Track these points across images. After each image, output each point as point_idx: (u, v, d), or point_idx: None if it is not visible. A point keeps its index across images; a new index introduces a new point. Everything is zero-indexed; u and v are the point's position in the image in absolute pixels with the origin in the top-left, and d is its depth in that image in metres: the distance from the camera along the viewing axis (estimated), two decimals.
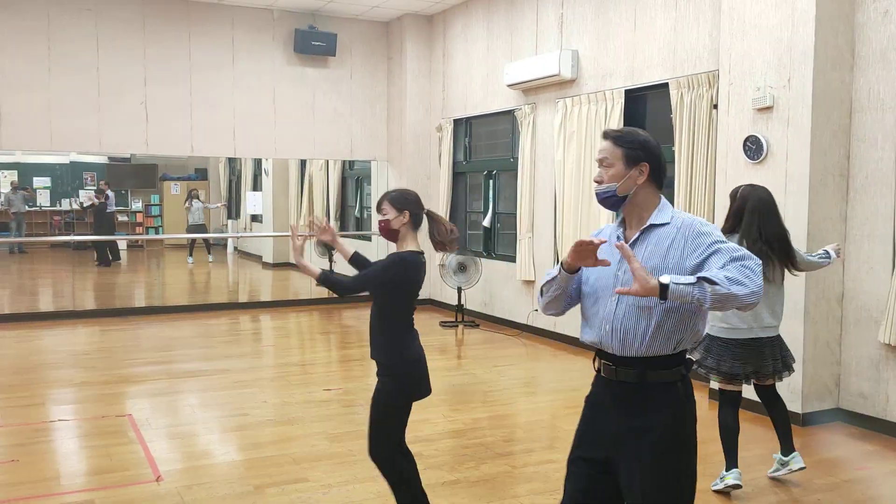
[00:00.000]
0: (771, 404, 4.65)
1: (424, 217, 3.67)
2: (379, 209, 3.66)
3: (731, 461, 4.43)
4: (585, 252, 2.37)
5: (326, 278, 3.54)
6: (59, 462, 4.89)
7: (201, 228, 16.87)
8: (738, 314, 4.26)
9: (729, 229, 4.38)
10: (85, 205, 17.97)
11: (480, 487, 4.50)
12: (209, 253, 17.86)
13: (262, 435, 5.35)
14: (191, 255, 17.60)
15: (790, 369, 4.53)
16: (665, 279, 2.22)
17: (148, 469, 4.73)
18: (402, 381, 3.62)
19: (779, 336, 4.49)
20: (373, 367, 3.75)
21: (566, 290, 2.56)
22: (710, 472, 4.64)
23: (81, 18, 9.71)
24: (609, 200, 2.54)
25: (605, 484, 2.52)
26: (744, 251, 2.32)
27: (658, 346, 2.41)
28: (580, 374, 7.35)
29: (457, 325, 9.71)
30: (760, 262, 2.32)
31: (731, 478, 4.37)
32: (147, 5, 10.01)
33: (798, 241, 5.60)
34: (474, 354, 8.34)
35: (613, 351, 2.45)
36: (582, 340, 2.59)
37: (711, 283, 2.21)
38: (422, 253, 3.63)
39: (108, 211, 16.20)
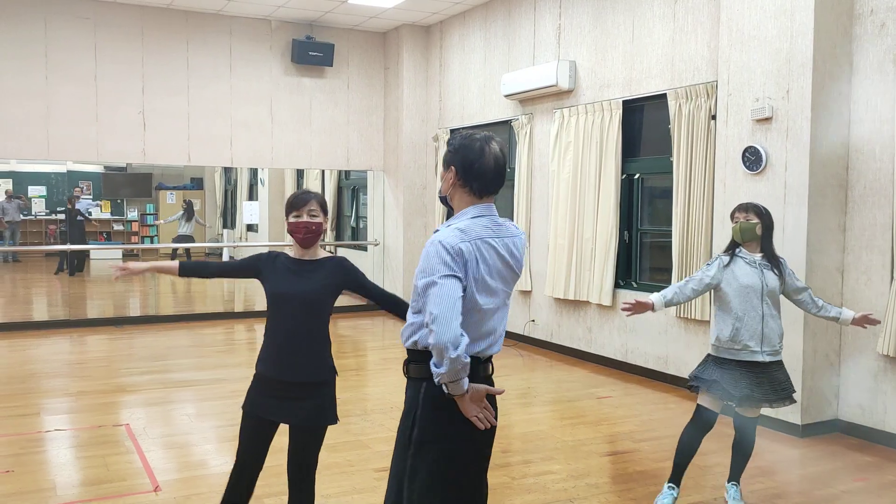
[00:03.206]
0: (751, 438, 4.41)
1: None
2: (308, 211, 3.27)
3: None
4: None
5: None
6: (55, 472, 4.84)
7: (189, 239, 16.87)
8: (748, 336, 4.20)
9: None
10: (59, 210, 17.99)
11: None
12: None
13: None
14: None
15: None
16: None
17: (146, 479, 4.69)
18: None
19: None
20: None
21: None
22: (714, 484, 4.63)
23: (79, 27, 9.70)
24: (443, 201, 2.71)
25: None
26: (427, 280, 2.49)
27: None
28: (577, 385, 7.34)
29: None
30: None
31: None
32: (145, 15, 10.02)
33: (797, 252, 5.62)
34: None
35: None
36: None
37: None
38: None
39: (77, 219, 16.16)
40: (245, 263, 3.44)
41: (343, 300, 3.68)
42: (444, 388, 2.48)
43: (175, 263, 3.46)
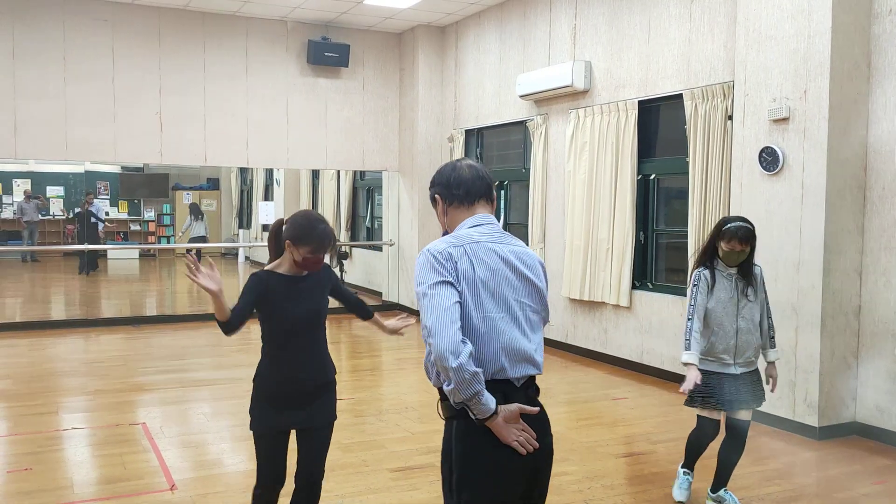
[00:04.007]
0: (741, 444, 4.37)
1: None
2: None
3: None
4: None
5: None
6: (73, 470, 4.88)
7: (203, 240, 16.96)
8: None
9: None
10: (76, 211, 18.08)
11: None
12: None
13: None
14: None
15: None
16: None
17: (162, 478, 4.72)
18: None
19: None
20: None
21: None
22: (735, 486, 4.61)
23: (97, 29, 9.78)
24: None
25: None
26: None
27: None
28: (593, 386, 7.32)
29: None
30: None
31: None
32: (162, 16, 10.08)
33: (814, 254, 5.59)
34: None
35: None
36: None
37: None
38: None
39: (91, 221, 16.27)
40: (252, 300, 3.30)
41: None
42: (470, 414, 2.27)
43: (227, 311, 3.22)
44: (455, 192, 2.48)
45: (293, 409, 3.32)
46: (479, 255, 2.36)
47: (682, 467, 4.56)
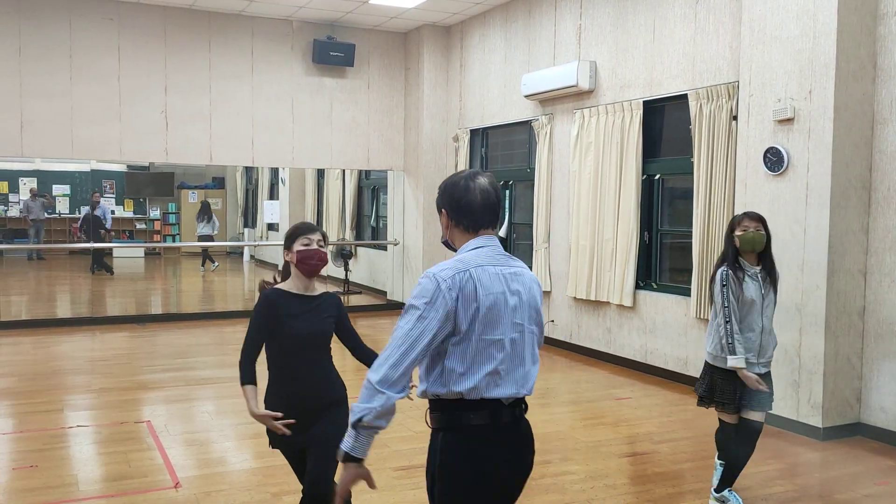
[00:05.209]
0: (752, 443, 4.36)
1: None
2: (317, 240, 3.39)
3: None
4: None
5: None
6: (78, 468, 4.91)
7: (209, 239, 16.98)
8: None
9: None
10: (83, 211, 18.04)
11: None
12: (212, 262, 17.64)
13: None
14: (203, 264, 17.68)
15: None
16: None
17: (166, 476, 4.74)
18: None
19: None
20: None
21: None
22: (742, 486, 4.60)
23: (103, 28, 9.81)
24: (446, 245, 2.59)
25: None
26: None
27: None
28: (597, 386, 7.32)
29: None
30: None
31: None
32: (168, 15, 10.11)
33: (818, 254, 5.58)
34: None
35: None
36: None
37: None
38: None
39: (101, 221, 16.27)
40: (261, 330, 3.36)
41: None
42: (345, 439, 2.32)
43: (251, 384, 3.39)
44: (462, 219, 2.49)
45: (302, 428, 3.31)
46: (482, 280, 2.38)
47: (728, 491, 4.33)
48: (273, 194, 19.00)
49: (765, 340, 4.18)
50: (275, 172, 18.88)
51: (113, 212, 19.09)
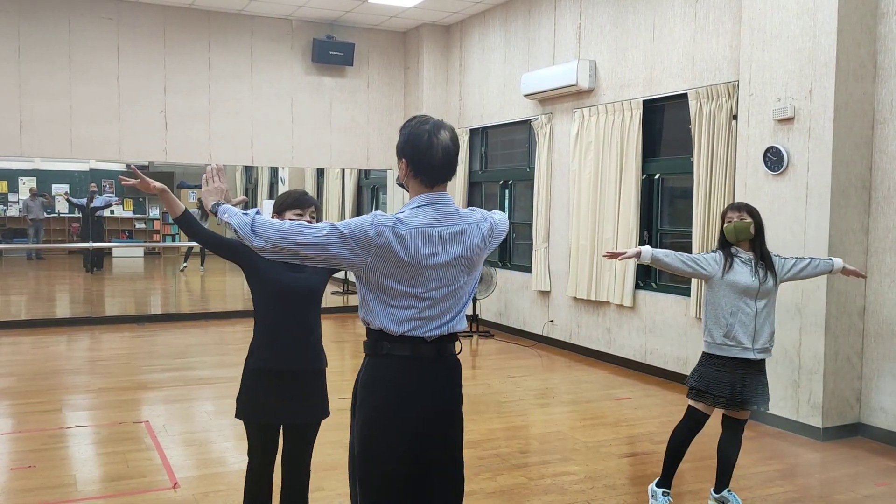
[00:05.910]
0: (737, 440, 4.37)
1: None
2: (310, 212, 3.31)
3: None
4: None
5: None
6: (76, 468, 4.89)
7: None
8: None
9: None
10: (73, 201, 17.90)
11: (496, 499, 4.47)
12: (184, 261, 17.58)
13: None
14: (188, 262, 17.61)
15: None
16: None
17: (165, 476, 4.73)
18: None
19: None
20: None
21: None
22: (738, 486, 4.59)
23: (102, 27, 9.80)
24: (401, 186, 2.69)
25: None
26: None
27: None
28: (596, 386, 7.31)
29: (471, 336, 9.68)
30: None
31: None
32: (167, 15, 10.10)
33: (818, 254, 5.56)
34: (489, 365, 8.31)
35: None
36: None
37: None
38: None
39: (96, 216, 16.19)
40: (237, 244, 3.25)
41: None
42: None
43: (181, 206, 3.36)
44: (420, 173, 2.56)
45: (275, 397, 3.26)
46: (413, 241, 2.46)
47: (660, 486, 4.35)
48: (272, 194, 18.97)
49: (760, 325, 4.17)
50: (274, 172, 18.85)
51: (117, 202, 19.02)
